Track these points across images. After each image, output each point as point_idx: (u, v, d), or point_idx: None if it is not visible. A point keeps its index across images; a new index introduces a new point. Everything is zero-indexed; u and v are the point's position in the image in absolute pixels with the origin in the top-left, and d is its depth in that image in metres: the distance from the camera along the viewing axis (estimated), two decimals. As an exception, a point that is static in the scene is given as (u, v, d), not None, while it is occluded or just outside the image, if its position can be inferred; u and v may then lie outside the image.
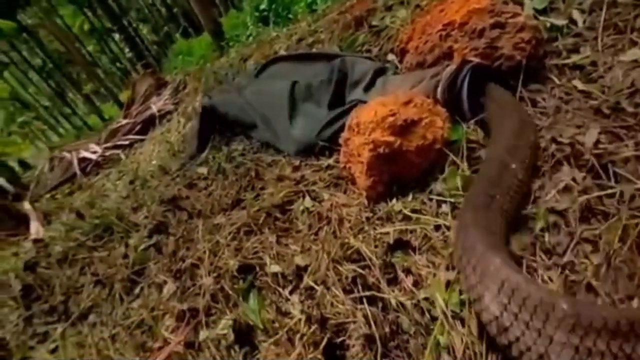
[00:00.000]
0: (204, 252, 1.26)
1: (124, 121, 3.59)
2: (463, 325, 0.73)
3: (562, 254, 0.75)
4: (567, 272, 0.73)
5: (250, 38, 3.62)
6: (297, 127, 1.53)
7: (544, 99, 1.10)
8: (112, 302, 1.39)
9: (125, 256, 1.54)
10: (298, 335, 0.86)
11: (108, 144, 3.43)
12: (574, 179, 0.86)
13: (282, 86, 1.70)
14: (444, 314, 0.75)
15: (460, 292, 0.77)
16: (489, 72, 1.15)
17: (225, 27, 4.44)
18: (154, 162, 2.45)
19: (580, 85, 1.07)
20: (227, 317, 1.01)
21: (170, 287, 1.25)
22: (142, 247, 1.52)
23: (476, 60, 1.15)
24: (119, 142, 3.39)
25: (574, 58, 1.15)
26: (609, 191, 0.80)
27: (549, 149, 0.95)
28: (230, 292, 1.08)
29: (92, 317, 1.40)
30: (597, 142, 0.90)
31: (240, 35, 3.94)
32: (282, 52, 2.47)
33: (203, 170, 1.76)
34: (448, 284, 0.79)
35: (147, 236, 1.57)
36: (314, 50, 2.20)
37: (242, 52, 3.19)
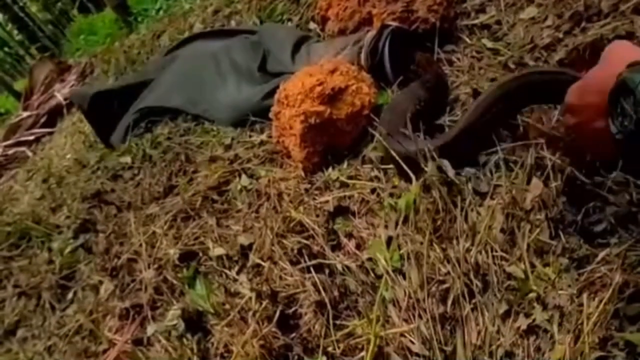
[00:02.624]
0: (140, 245, 1.20)
1: (25, 114, 3.19)
2: (405, 279, 0.78)
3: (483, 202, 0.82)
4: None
5: (161, 12, 3.35)
6: (231, 95, 1.48)
7: (458, 59, 1.17)
8: (43, 313, 1.28)
9: (50, 262, 1.42)
10: (250, 313, 0.86)
11: (9, 142, 3.04)
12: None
13: (209, 56, 1.62)
14: (387, 271, 0.80)
15: (400, 248, 0.82)
16: (407, 35, 1.19)
17: (130, 1, 4.05)
18: (68, 156, 2.24)
19: (488, 44, 1.15)
20: (175, 308, 0.98)
21: (107, 287, 1.17)
22: (68, 249, 1.40)
23: (395, 24, 1.18)
24: (23, 138, 3.02)
25: (482, 18, 1.23)
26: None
27: (468, 102, 1.02)
28: (175, 282, 1.05)
29: (21, 332, 1.28)
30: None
31: (149, 9, 3.62)
32: (198, 25, 2.33)
33: (126, 159, 1.64)
34: (388, 242, 0.84)
35: (72, 237, 1.45)
36: (232, 23, 2.10)
37: (153, 27, 2.95)
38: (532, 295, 0.67)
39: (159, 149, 1.57)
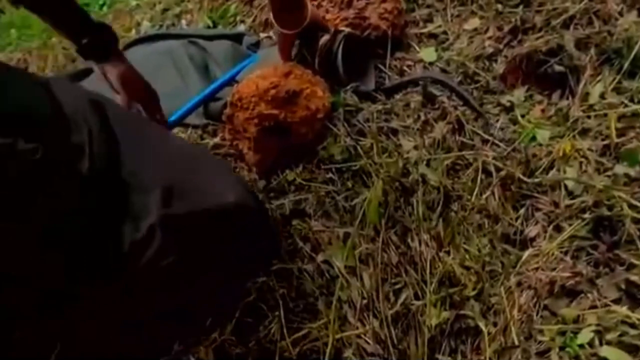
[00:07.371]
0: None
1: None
2: (358, 279, 0.80)
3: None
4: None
5: (105, 7, 3.16)
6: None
7: (409, 67, 1.21)
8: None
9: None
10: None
11: None
12: (444, 138, 0.98)
13: (164, 54, 1.55)
14: (341, 272, 0.81)
15: (355, 248, 0.83)
16: (360, 41, 1.22)
17: (69, -5, 3.79)
18: None
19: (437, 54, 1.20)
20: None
21: None
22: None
23: (348, 30, 1.21)
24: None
25: (429, 27, 1.29)
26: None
27: (421, 110, 1.08)
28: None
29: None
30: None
31: (91, 3, 3.41)
32: (146, 23, 2.23)
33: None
34: (344, 243, 0.85)
35: None
36: (182, 22, 2.04)
37: (96, 24, 2.78)
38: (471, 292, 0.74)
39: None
